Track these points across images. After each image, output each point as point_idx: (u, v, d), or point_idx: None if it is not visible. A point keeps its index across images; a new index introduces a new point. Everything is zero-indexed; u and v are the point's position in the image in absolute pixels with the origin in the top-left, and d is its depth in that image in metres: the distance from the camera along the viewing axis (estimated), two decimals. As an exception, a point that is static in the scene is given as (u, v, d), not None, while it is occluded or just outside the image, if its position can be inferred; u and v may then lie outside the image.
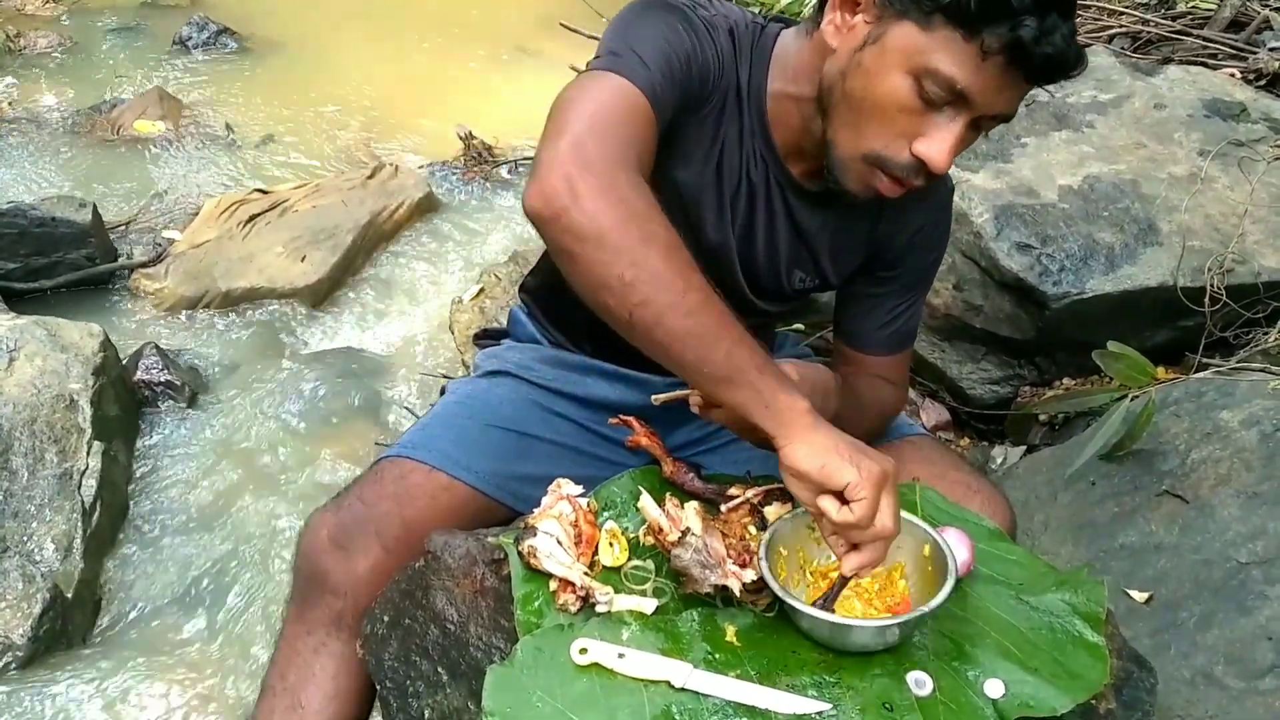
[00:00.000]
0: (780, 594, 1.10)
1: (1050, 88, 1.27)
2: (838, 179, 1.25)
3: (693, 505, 1.21)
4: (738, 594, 1.13)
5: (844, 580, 1.12)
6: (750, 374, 1.08)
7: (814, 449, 1.06)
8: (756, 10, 1.35)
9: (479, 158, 4.06)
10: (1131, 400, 2.07)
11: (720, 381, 1.08)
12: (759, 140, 1.32)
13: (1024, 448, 2.55)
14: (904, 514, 1.22)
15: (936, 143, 1.15)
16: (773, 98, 1.30)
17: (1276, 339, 2.33)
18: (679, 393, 1.25)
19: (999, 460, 2.54)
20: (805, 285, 1.45)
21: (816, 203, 1.37)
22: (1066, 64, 1.11)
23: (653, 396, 1.27)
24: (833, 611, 1.12)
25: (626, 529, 1.25)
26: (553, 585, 1.15)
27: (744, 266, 1.40)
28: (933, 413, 2.69)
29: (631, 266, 1.04)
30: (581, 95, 1.14)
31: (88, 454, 2.20)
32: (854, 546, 1.09)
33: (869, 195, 1.25)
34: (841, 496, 1.06)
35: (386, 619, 1.24)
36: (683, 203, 1.33)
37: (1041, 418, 2.57)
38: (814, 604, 1.11)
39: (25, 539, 2.02)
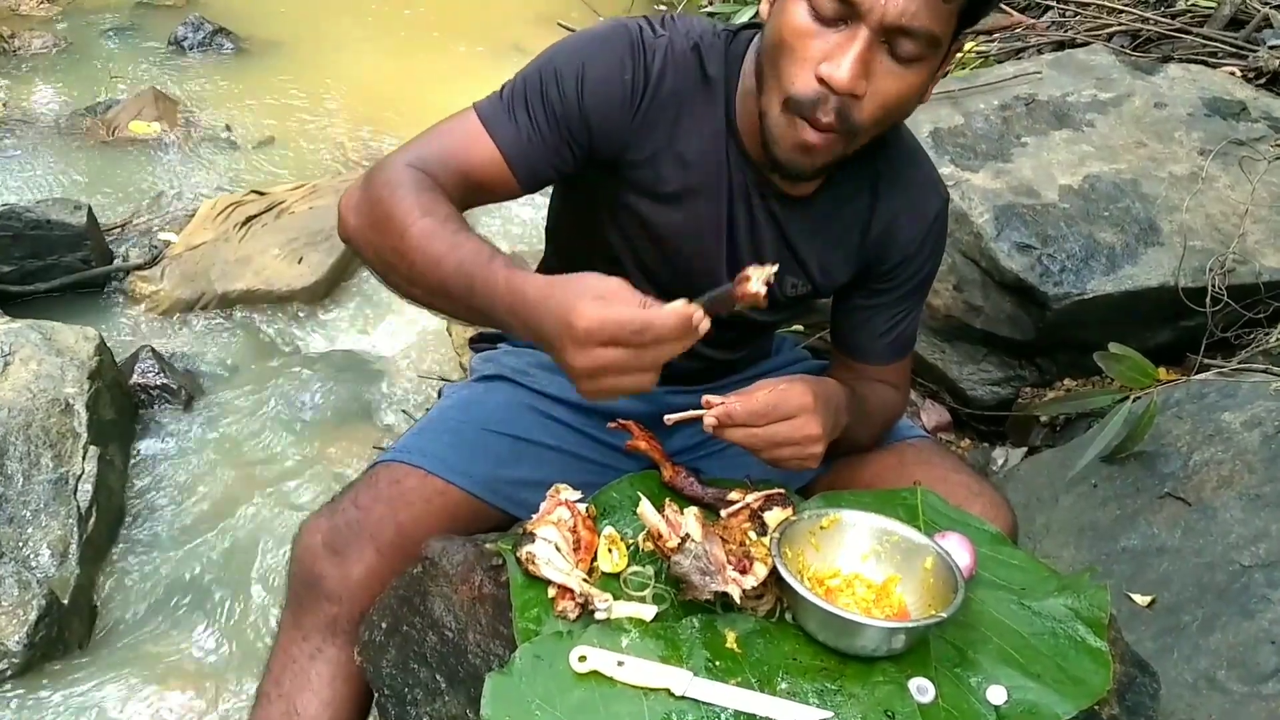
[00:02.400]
0: (796, 587, 1.10)
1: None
2: (771, 151, 1.22)
3: (692, 511, 1.20)
4: (738, 600, 1.12)
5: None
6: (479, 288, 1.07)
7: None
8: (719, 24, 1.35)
9: (476, 158, 4.04)
10: (1133, 402, 2.06)
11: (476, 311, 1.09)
12: (732, 147, 1.32)
13: (1025, 449, 2.54)
14: (903, 526, 1.22)
15: (836, 57, 1.12)
16: (739, 100, 1.30)
17: (1278, 339, 2.32)
18: (692, 412, 1.24)
19: (1000, 462, 2.53)
20: (798, 292, 1.43)
21: (802, 209, 1.36)
22: None
23: (665, 417, 1.26)
24: None
25: (626, 535, 1.24)
26: (551, 592, 1.14)
27: (732, 277, 1.39)
28: (933, 414, 2.68)
29: (388, 264, 1.15)
30: (441, 133, 1.25)
31: (83, 459, 2.18)
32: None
33: (801, 158, 1.21)
34: None
35: (384, 626, 1.23)
36: (662, 223, 1.34)
37: (1042, 419, 2.56)
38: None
39: (21, 545, 2.00)
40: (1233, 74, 3.12)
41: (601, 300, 0.97)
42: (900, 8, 1.09)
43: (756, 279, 1.05)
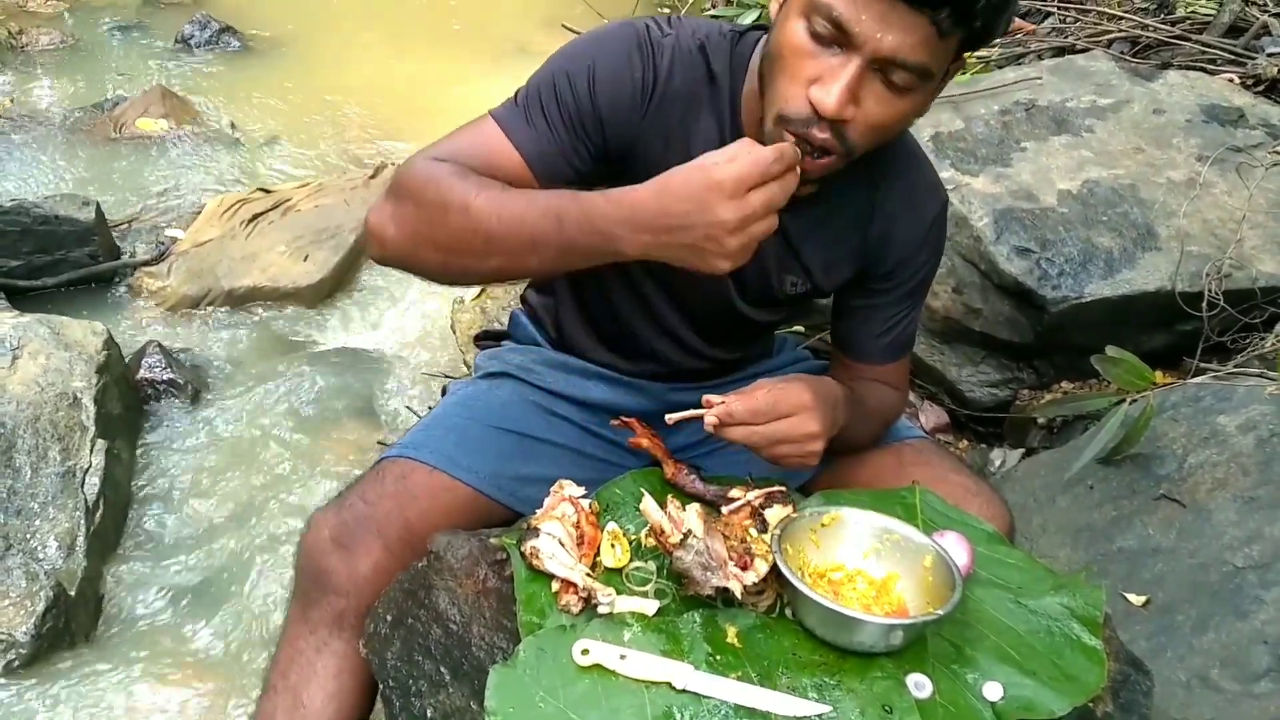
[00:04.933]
0: (796, 583, 1.12)
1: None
2: None
3: (694, 507, 1.22)
4: (739, 596, 1.14)
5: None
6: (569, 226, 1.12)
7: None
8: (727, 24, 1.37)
9: (481, 157, 4.05)
10: (1129, 404, 2.08)
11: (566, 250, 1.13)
12: None
13: (1022, 450, 2.55)
14: (903, 524, 1.24)
15: (826, 82, 1.13)
16: (745, 99, 1.32)
17: (1274, 344, 2.34)
18: (692, 412, 1.26)
19: (997, 463, 2.55)
20: (797, 290, 1.45)
21: (802, 208, 1.37)
22: None
23: (666, 416, 1.27)
24: None
25: (628, 530, 1.26)
26: (555, 586, 1.16)
27: (733, 276, 1.41)
28: (931, 415, 2.70)
29: (453, 248, 1.17)
30: (461, 137, 1.28)
31: (91, 452, 2.20)
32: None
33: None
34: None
35: (389, 619, 1.25)
36: None
37: (1040, 421, 2.58)
38: None
39: (28, 537, 2.02)
40: (1231, 81, 3.14)
41: (729, 158, 1.06)
42: (894, 44, 1.10)
43: None
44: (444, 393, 1.64)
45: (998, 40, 3.80)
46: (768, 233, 1.07)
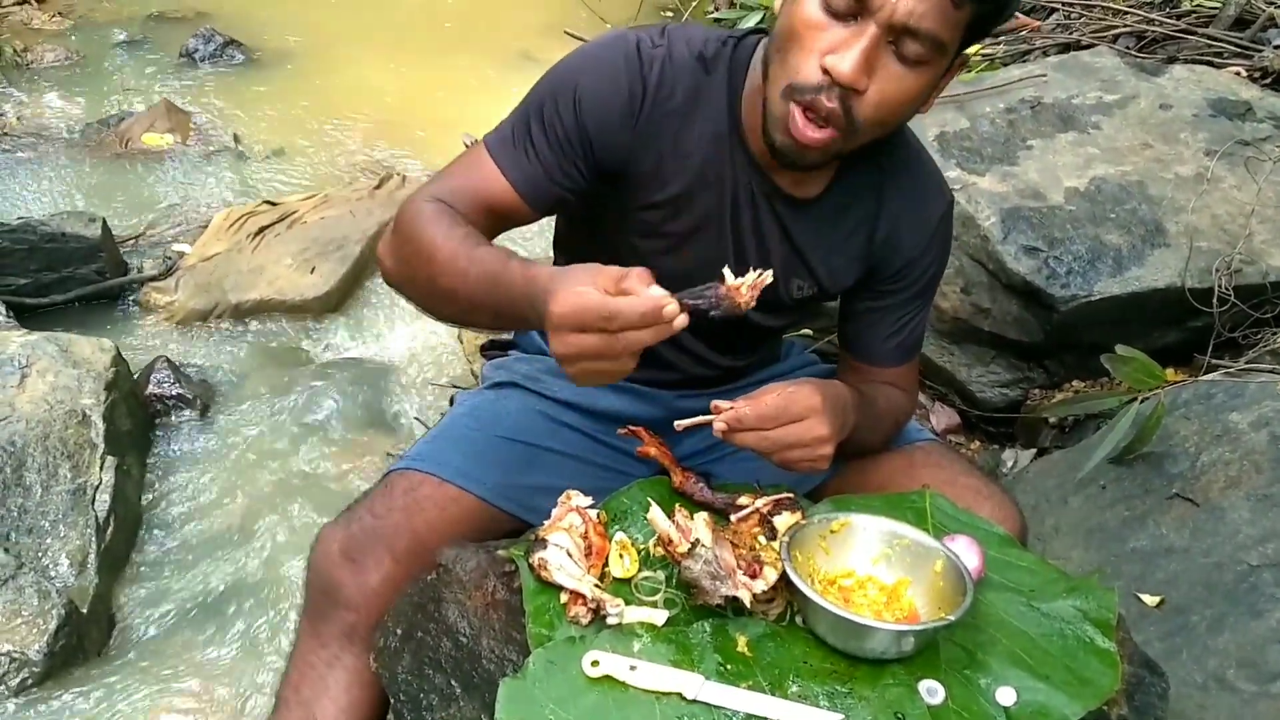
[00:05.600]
0: (806, 591, 1.11)
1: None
2: (770, 136, 1.24)
3: (702, 516, 1.21)
4: (748, 604, 1.13)
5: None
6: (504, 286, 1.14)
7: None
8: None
9: (485, 166, 4.06)
10: (1140, 403, 2.07)
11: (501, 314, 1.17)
12: (738, 151, 1.33)
13: (1034, 451, 2.54)
14: (913, 529, 1.23)
15: (842, 50, 1.14)
16: (746, 102, 1.31)
17: (1286, 339, 2.32)
18: (701, 418, 1.25)
19: (1009, 463, 2.54)
20: (804, 294, 1.45)
21: (807, 211, 1.37)
22: None
23: (675, 423, 1.27)
24: None
25: (636, 540, 1.26)
26: (563, 598, 1.15)
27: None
28: (943, 416, 2.69)
29: (425, 292, 1.25)
30: (456, 171, 1.32)
31: (101, 469, 2.21)
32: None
33: (794, 147, 1.23)
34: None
35: (399, 632, 1.25)
36: (668, 230, 1.35)
37: (1051, 421, 2.57)
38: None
39: (40, 555, 2.03)
40: (1238, 74, 3.13)
41: (578, 288, 1.02)
42: (909, 8, 1.12)
43: (746, 286, 1.09)
44: (451, 402, 1.64)
45: (1002, 38, 3.80)
46: (610, 377, 1.08)
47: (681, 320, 1.03)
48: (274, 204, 3.54)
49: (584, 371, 1.06)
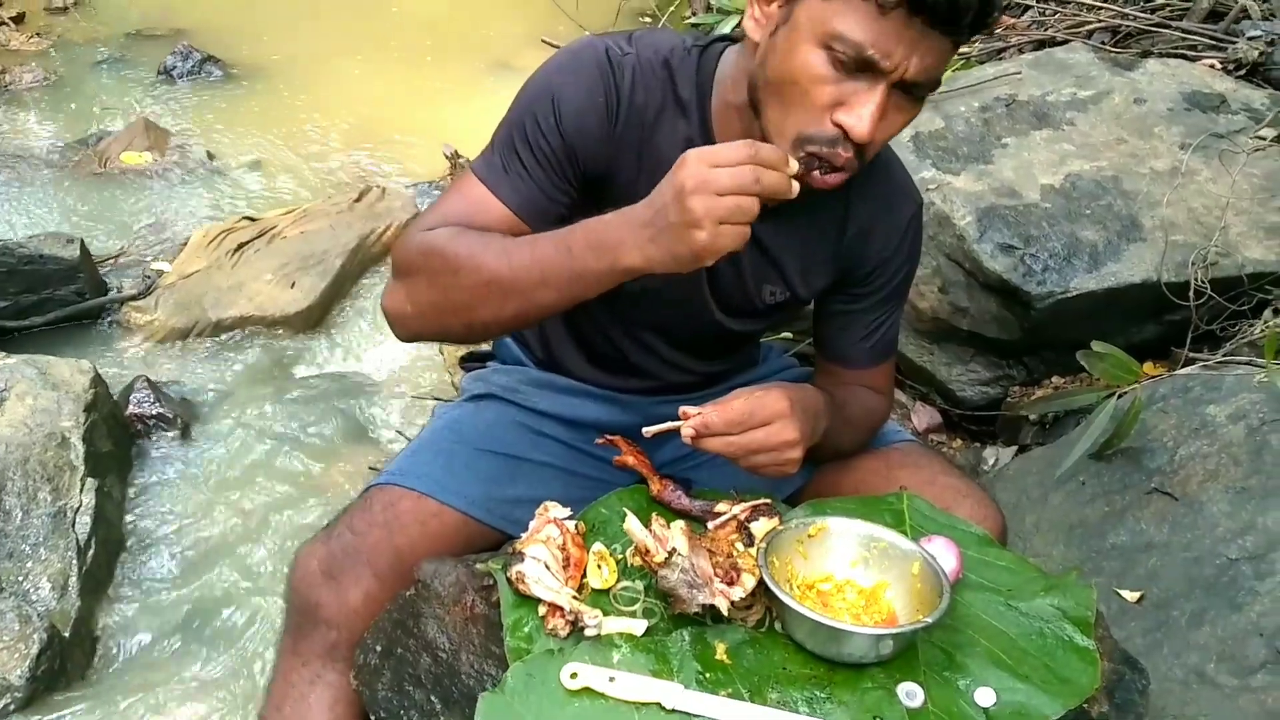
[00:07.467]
0: (783, 597, 1.11)
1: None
2: None
3: (679, 525, 1.21)
4: (726, 612, 1.13)
5: None
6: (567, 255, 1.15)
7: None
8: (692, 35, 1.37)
9: (465, 176, 4.05)
10: (1119, 398, 2.07)
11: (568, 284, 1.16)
12: None
13: (1016, 448, 2.55)
14: (890, 532, 1.23)
15: (856, 109, 1.15)
16: (716, 112, 1.32)
17: (1263, 330, 2.33)
18: (669, 424, 1.25)
19: (991, 461, 2.55)
20: (777, 299, 1.45)
21: (777, 217, 1.37)
22: (969, 7, 1.10)
23: (644, 429, 1.27)
24: None
25: (615, 550, 1.26)
26: (542, 610, 1.15)
27: (711, 288, 1.41)
28: (924, 415, 2.69)
29: (473, 305, 1.21)
30: (447, 203, 1.30)
31: (81, 491, 2.19)
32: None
33: (809, 190, 1.22)
34: None
35: (379, 649, 1.25)
36: None
37: (1032, 418, 2.58)
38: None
39: (21, 579, 2.02)
40: (1212, 67, 3.14)
41: (700, 153, 1.07)
42: (919, 67, 1.13)
43: None
44: (433, 416, 1.63)
45: (977, 36, 3.82)
46: (741, 210, 1.07)
47: (794, 166, 1.10)
48: (253, 219, 3.53)
49: (725, 213, 1.06)
